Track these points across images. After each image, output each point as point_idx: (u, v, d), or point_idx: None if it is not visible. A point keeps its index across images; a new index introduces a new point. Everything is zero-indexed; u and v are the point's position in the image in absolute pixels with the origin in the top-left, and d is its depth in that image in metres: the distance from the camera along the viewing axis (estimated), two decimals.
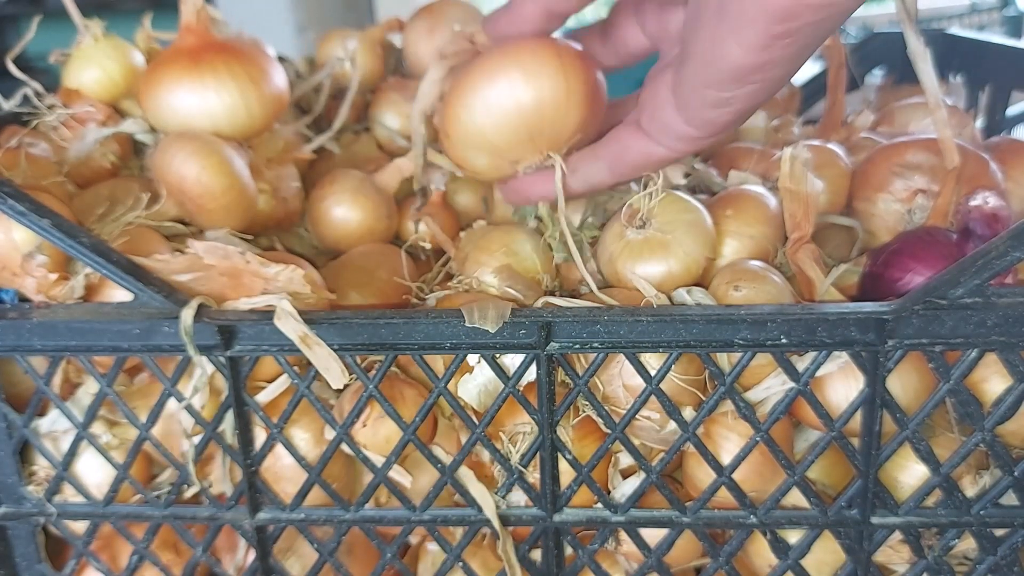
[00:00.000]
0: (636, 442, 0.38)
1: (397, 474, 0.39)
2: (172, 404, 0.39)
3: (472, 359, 0.38)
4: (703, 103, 0.35)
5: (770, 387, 0.37)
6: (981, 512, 0.37)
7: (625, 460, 0.40)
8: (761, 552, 0.40)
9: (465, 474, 0.39)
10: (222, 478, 0.40)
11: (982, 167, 0.45)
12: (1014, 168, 0.48)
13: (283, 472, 0.40)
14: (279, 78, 0.47)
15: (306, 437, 0.40)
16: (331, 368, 0.36)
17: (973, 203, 0.43)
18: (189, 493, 0.41)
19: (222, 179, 0.42)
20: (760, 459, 0.37)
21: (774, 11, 0.30)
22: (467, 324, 0.35)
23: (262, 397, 0.39)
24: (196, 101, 0.44)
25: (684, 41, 0.35)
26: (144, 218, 0.42)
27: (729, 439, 0.38)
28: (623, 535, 0.40)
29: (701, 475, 0.38)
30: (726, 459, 0.38)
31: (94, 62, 0.50)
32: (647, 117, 0.38)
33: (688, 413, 0.37)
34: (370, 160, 0.56)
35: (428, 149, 0.47)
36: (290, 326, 0.35)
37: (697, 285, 0.40)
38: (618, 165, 0.40)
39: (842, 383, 0.37)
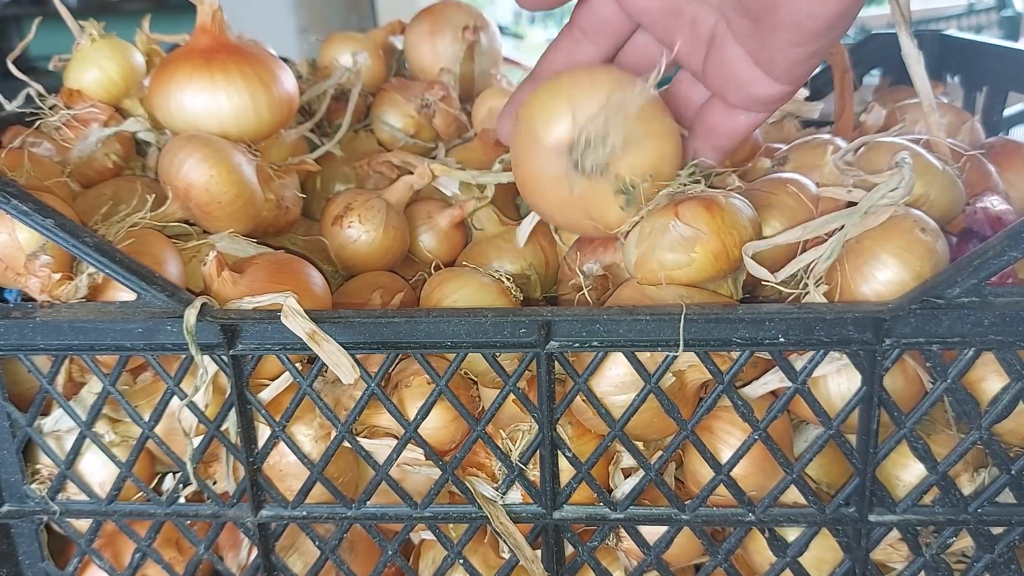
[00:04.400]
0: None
1: (411, 451, 0.39)
2: (176, 403, 0.39)
3: None
4: (793, 60, 0.36)
5: (767, 383, 0.38)
6: (978, 510, 0.38)
7: (628, 459, 0.40)
8: (760, 550, 0.41)
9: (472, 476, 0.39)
10: (225, 476, 0.40)
11: (984, 175, 0.46)
12: (1008, 170, 0.48)
13: (288, 469, 0.40)
14: (289, 82, 0.47)
15: (309, 434, 0.40)
16: (341, 364, 0.36)
17: (980, 205, 0.43)
18: (188, 491, 0.41)
19: (230, 188, 0.43)
20: (762, 455, 0.38)
21: None
22: None
23: (265, 395, 0.39)
24: (205, 100, 0.44)
25: (760, 14, 0.35)
26: (149, 218, 0.42)
27: (732, 434, 0.38)
28: (623, 531, 0.40)
29: (703, 471, 0.38)
30: (727, 453, 0.38)
31: (92, 63, 0.51)
32: (734, 92, 0.39)
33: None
34: (366, 153, 0.56)
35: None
36: (298, 324, 0.35)
37: None
38: (720, 143, 0.41)
39: (842, 377, 0.37)
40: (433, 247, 0.50)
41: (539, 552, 0.40)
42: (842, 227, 0.37)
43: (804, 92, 0.50)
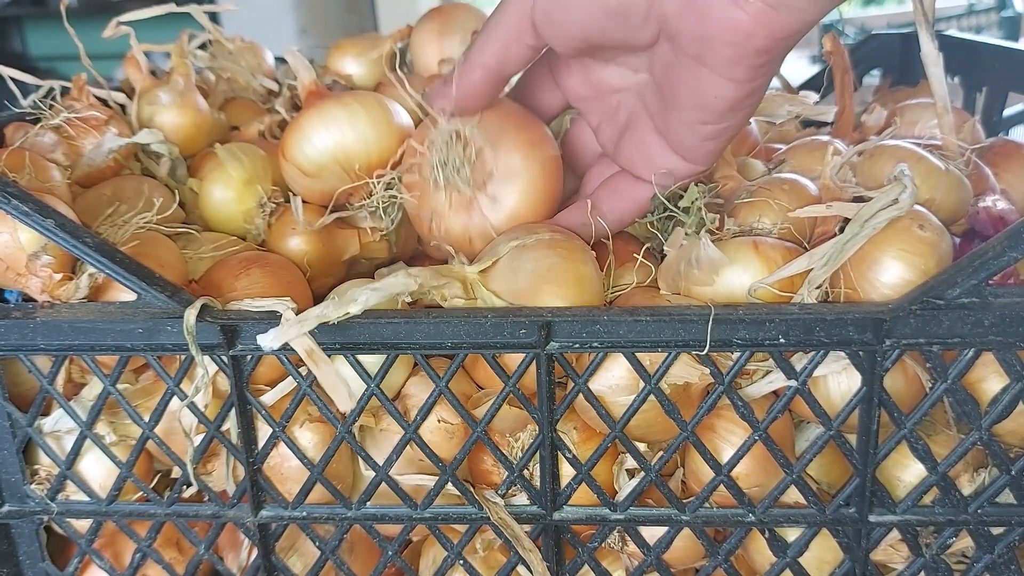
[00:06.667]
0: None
1: (410, 479, 0.39)
2: (176, 403, 0.39)
3: None
4: (701, 138, 0.38)
5: (772, 382, 0.38)
6: (978, 511, 0.38)
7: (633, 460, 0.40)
8: (761, 550, 0.41)
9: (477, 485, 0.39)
10: (225, 476, 0.40)
11: (981, 177, 0.46)
12: (1007, 171, 0.48)
13: (289, 473, 0.40)
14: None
15: (309, 437, 0.40)
16: (338, 390, 0.36)
17: (982, 205, 0.43)
18: (191, 492, 0.41)
19: None
20: (764, 453, 0.38)
21: (755, 50, 0.33)
22: None
23: (267, 398, 0.39)
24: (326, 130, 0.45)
25: (666, 92, 0.38)
26: (154, 220, 0.42)
27: (734, 432, 0.38)
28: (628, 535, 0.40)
29: (705, 470, 0.38)
30: (730, 452, 0.38)
31: (222, 183, 0.49)
32: (643, 166, 0.41)
33: None
34: None
35: None
36: (297, 340, 0.35)
37: None
38: (619, 207, 0.42)
39: (842, 377, 0.37)
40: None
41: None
42: (837, 235, 0.37)
43: (814, 96, 0.50)
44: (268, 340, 0.35)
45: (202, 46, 0.63)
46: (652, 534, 0.40)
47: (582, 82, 0.42)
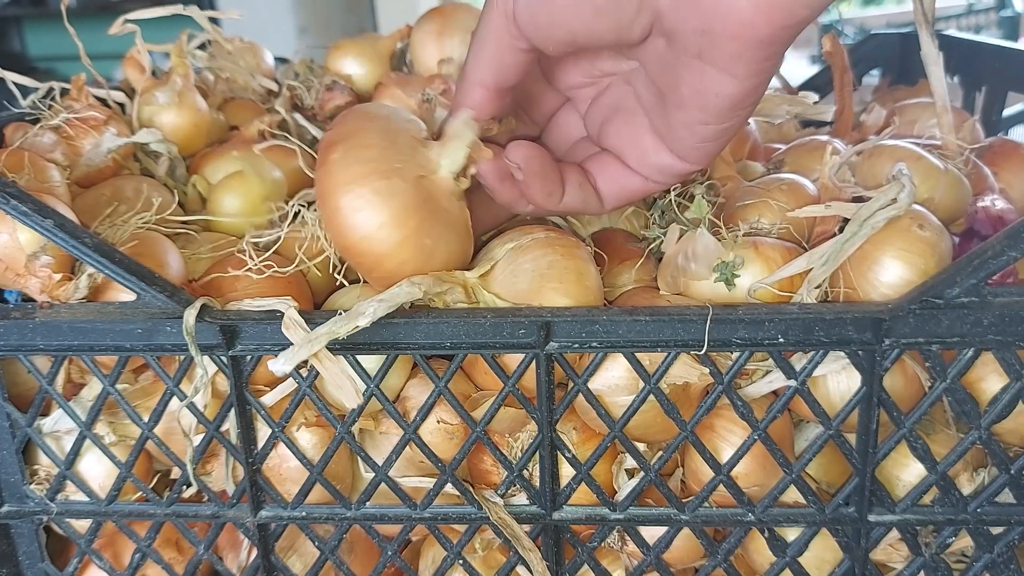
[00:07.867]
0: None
1: (409, 481, 0.39)
2: (175, 403, 0.39)
3: None
4: (700, 139, 0.36)
5: (772, 381, 0.38)
6: (978, 510, 0.38)
7: (633, 460, 0.40)
8: (760, 549, 0.41)
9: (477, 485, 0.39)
10: (224, 477, 0.40)
11: (980, 177, 0.46)
12: (1006, 171, 0.48)
13: (288, 474, 0.40)
14: None
15: (309, 437, 0.40)
16: (344, 387, 0.36)
17: (981, 204, 0.43)
18: (190, 492, 0.41)
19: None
20: (763, 452, 0.38)
21: (758, 41, 0.31)
22: None
23: (267, 399, 0.39)
24: None
25: (666, 91, 0.36)
26: (152, 220, 0.42)
27: (733, 432, 0.38)
28: (627, 534, 0.40)
29: (704, 469, 0.38)
30: (729, 451, 0.38)
31: (239, 194, 0.49)
32: (636, 159, 0.39)
33: None
34: None
35: None
36: (299, 337, 0.35)
37: None
38: (608, 191, 0.40)
39: (842, 377, 0.37)
40: None
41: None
42: (836, 234, 0.37)
43: (813, 96, 0.50)
44: (280, 365, 0.34)
45: (201, 46, 0.63)
46: (652, 534, 0.40)
47: (574, 73, 0.40)
